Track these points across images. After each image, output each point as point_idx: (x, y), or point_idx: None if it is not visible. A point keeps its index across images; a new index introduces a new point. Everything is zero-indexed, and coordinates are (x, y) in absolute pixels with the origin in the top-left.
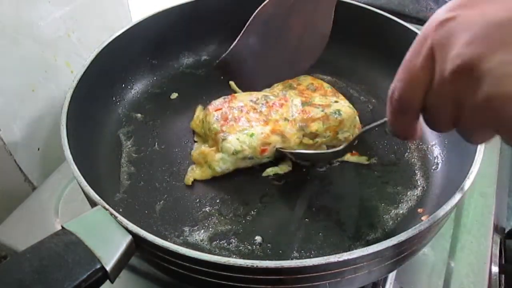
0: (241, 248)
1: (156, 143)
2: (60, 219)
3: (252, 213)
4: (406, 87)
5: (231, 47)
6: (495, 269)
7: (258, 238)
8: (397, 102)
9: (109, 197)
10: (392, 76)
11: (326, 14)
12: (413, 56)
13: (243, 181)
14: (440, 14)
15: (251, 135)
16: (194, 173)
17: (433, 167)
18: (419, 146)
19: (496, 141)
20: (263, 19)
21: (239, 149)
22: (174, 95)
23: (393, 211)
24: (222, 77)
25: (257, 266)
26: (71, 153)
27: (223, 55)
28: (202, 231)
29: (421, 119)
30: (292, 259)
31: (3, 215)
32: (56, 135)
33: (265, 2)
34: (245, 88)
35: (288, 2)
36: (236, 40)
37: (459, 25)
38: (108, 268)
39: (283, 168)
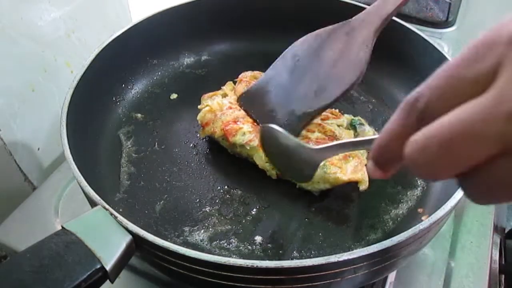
0: (241, 248)
1: (156, 143)
2: (60, 219)
3: (252, 213)
4: (442, 99)
5: (257, 81)
6: (495, 269)
7: (258, 238)
8: (421, 113)
9: (109, 197)
10: (393, 76)
11: (363, 45)
12: (466, 63)
13: (244, 181)
14: None
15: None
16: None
17: None
18: None
19: None
20: (293, 53)
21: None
22: (174, 95)
23: (393, 211)
24: (241, 108)
25: (257, 266)
26: (71, 153)
27: (247, 89)
28: (202, 231)
29: None
30: (292, 259)
31: (3, 215)
32: (56, 135)
33: (296, 41)
34: (264, 119)
35: (320, 37)
36: (263, 74)
37: None
38: (108, 268)
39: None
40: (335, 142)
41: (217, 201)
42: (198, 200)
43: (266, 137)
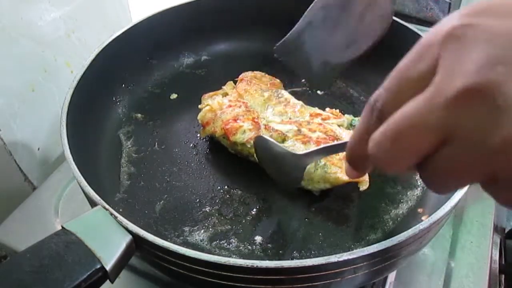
0: (241, 248)
1: (156, 143)
2: (60, 219)
3: (252, 213)
4: (394, 98)
5: (291, 31)
6: (495, 269)
7: (258, 238)
8: (379, 113)
9: (109, 197)
10: None
11: None
12: (410, 64)
13: (244, 181)
14: (454, 18)
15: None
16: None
17: None
18: None
19: None
20: (322, 4)
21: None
22: (174, 95)
23: (393, 211)
24: (280, 60)
25: (257, 266)
26: (71, 153)
27: (283, 39)
28: (202, 231)
29: None
30: (292, 259)
31: (3, 215)
32: (56, 135)
33: None
34: (301, 71)
35: None
36: (296, 25)
37: (479, 36)
38: (108, 268)
39: None
40: (317, 147)
41: (217, 201)
42: (198, 200)
43: (259, 146)
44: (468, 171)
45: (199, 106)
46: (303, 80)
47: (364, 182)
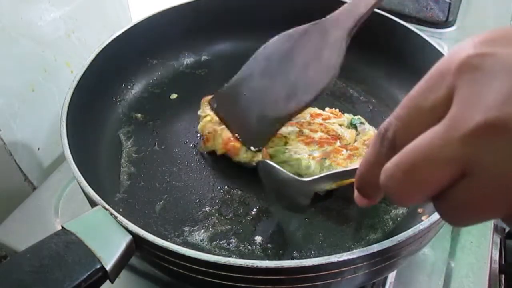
0: (241, 248)
1: (156, 143)
2: (60, 219)
3: (252, 213)
4: (406, 128)
5: (229, 82)
6: (495, 269)
7: (258, 238)
8: (390, 143)
9: (109, 197)
10: (392, 76)
11: (335, 46)
12: (423, 94)
13: (244, 181)
14: (468, 46)
15: None
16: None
17: None
18: None
19: None
20: (265, 54)
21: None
22: (174, 95)
23: (393, 211)
24: (213, 111)
25: (257, 266)
26: (71, 153)
27: (220, 89)
28: (202, 231)
29: None
30: (292, 259)
31: (3, 215)
32: (56, 135)
33: (268, 41)
34: (235, 126)
35: (293, 38)
36: (235, 76)
37: (497, 66)
38: (108, 268)
39: None
40: (324, 174)
41: (217, 201)
42: (198, 200)
43: (262, 171)
44: (489, 206)
45: (199, 112)
46: (236, 135)
47: None
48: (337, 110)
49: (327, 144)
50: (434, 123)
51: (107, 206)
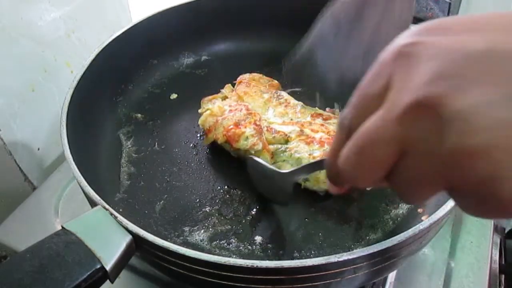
0: (241, 248)
1: (156, 143)
2: (60, 219)
3: (252, 213)
4: (358, 115)
5: (302, 51)
6: (495, 269)
7: (258, 238)
8: (348, 130)
9: (109, 197)
10: None
11: (405, 1)
12: (368, 83)
13: (244, 181)
14: (403, 38)
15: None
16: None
17: None
18: None
19: None
20: (334, 18)
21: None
22: (174, 95)
23: (393, 211)
24: (292, 83)
25: (257, 266)
26: (71, 153)
27: (293, 58)
28: (202, 231)
29: None
30: (292, 259)
31: (3, 215)
32: (56, 135)
33: (333, 7)
34: (317, 88)
35: None
36: (306, 42)
37: (425, 52)
38: (108, 268)
39: None
40: (300, 166)
41: (217, 201)
42: (198, 200)
43: (250, 166)
44: (427, 181)
45: (199, 111)
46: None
47: None
48: (338, 110)
49: (327, 144)
50: (378, 109)
51: (107, 206)
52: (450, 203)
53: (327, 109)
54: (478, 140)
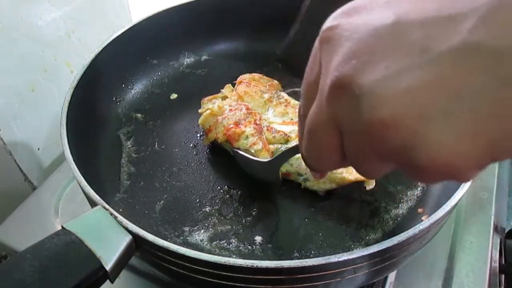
0: (241, 248)
1: (156, 143)
2: (60, 219)
3: (252, 213)
4: (306, 104)
5: (292, 32)
6: (495, 269)
7: (258, 238)
8: (303, 118)
9: (109, 197)
10: None
11: None
12: (308, 72)
13: (244, 181)
14: (326, 22)
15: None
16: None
17: None
18: None
19: None
20: (316, 3)
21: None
22: (174, 95)
23: (393, 211)
24: (286, 70)
25: (257, 266)
26: (71, 153)
27: (286, 42)
28: (202, 231)
29: None
30: (292, 259)
31: (3, 215)
32: (56, 135)
33: None
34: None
35: None
36: (296, 25)
37: (342, 34)
38: (108, 268)
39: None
40: (278, 154)
41: (217, 201)
42: (198, 200)
43: (238, 158)
44: (365, 156)
45: (199, 111)
46: None
47: (370, 182)
48: None
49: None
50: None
51: (107, 206)
52: (450, 203)
53: None
54: (386, 111)
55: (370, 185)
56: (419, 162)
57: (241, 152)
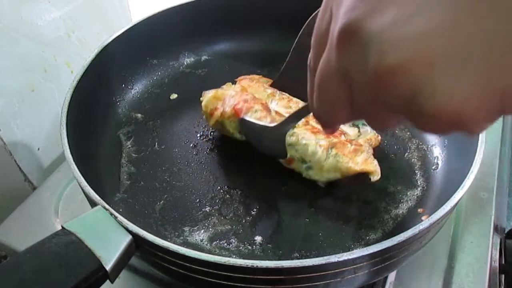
0: (241, 248)
1: (156, 143)
2: (60, 219)
3: (252, 213)
4: (316, 55)
5: (282, 68)
6: (495, 269)
7: (258, 238)
8: (314, 71)
9: (109, 197)
10: None
11: None
12: (318, 22)
13: (244, 181)
14: None
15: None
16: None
17: (433, 167)
18: (419, 146)
19: (496, 141)
20: (309, 32)
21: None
22: (174, 95)
23: (393, 211)
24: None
25: (257, 266)
26: (71, 153)
27: (280, 72)
28: (202, 231)
29: None
30: (292, 259)
31: (3, 215)
32: (56, 135)
33: (311, 17)
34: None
35: None
36: (289, 56)
37: None
38: (108, 268)
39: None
40: (287, 116)
41: (217, 201)
42: (198, 200)
43: (244, 127)
44: (374, 107)
45: (201, 99)
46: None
47: (376, 173)
48: None
49: (332, 136)
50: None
51: (107, 206)
52: (450, 203)
53: None
54: (394, 57)
55: (376, 176)
56: (428, 110)
57: (248, 118)
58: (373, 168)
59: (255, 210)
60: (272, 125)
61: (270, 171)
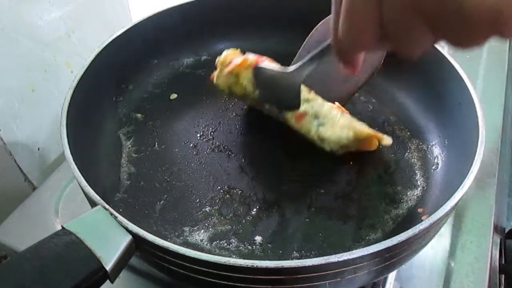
0: (241, 248)
1: (156, 143)
2: (60, 219)
3: (252, 213)
4: None
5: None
6: (495, 269)
7: (258, 238)
8: (339, 0)
9: (109, 197)
10: (392, 77)
11: None
12: None
13: (244, 181)
14: None
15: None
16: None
17: (433, 167)
18: (419, 146)
19: (496, 141)
20: (315, 39)
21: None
22: (174, 95)
23: (393, 211)
24: None
25: (257, 266)
26: (71, 153)
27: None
28: (202, 231)
29: None
30: (292, 259)
31: (3, 215)
32: (56, 135)
33: (317, 26)
34: None
35: None
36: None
37: None
38: (108, 268)
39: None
40: (305, 59)
41: (217, 201)
42: (198, 200)
43: (258, 75)
44: (408, 21)
45: (218, 58)
46: None
47: (386, 139)
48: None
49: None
50: None
51: (107, 206)
52: (450, 203)
53: None
54: None
55: (387, 141)
56: (465, 9)
57: (263, 65)
58: (383, 136)
59: (255, 210)
60: (289, 69)
61: (271, 171)
